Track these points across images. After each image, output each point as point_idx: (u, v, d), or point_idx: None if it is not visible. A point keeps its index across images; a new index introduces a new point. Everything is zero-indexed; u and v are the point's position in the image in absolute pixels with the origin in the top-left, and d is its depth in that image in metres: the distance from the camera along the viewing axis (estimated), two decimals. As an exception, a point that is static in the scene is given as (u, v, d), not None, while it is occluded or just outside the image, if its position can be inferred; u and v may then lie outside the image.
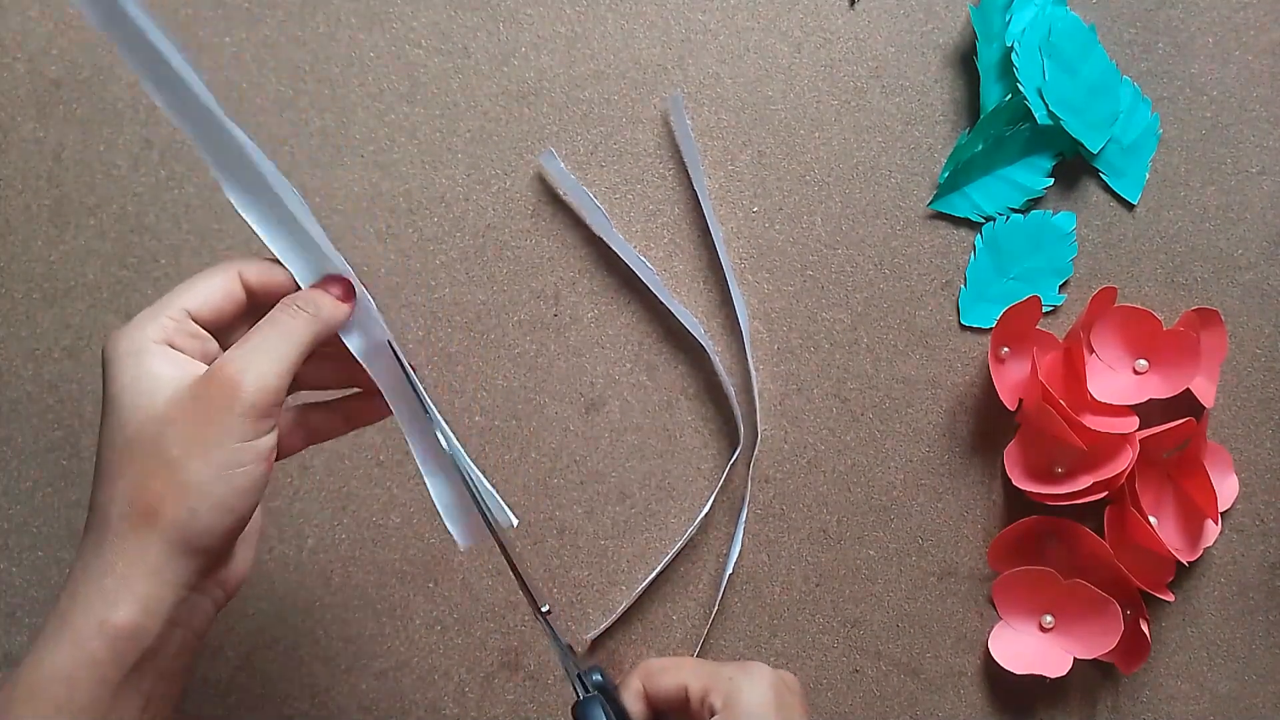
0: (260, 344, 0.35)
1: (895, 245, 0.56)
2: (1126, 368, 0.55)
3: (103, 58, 0.55)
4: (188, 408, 0.34)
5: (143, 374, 0.34)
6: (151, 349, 0.34)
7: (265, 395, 0.34)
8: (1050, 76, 0.55)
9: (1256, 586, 0.56)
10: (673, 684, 0.38)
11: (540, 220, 0.56)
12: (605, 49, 0.56)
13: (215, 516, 0.34)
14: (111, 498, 0.33)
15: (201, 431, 0.33)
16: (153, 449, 0.33)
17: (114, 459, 0.34)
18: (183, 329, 0.35)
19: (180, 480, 0.33)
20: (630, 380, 0.56)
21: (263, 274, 0.38)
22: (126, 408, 0.34)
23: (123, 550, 0.33)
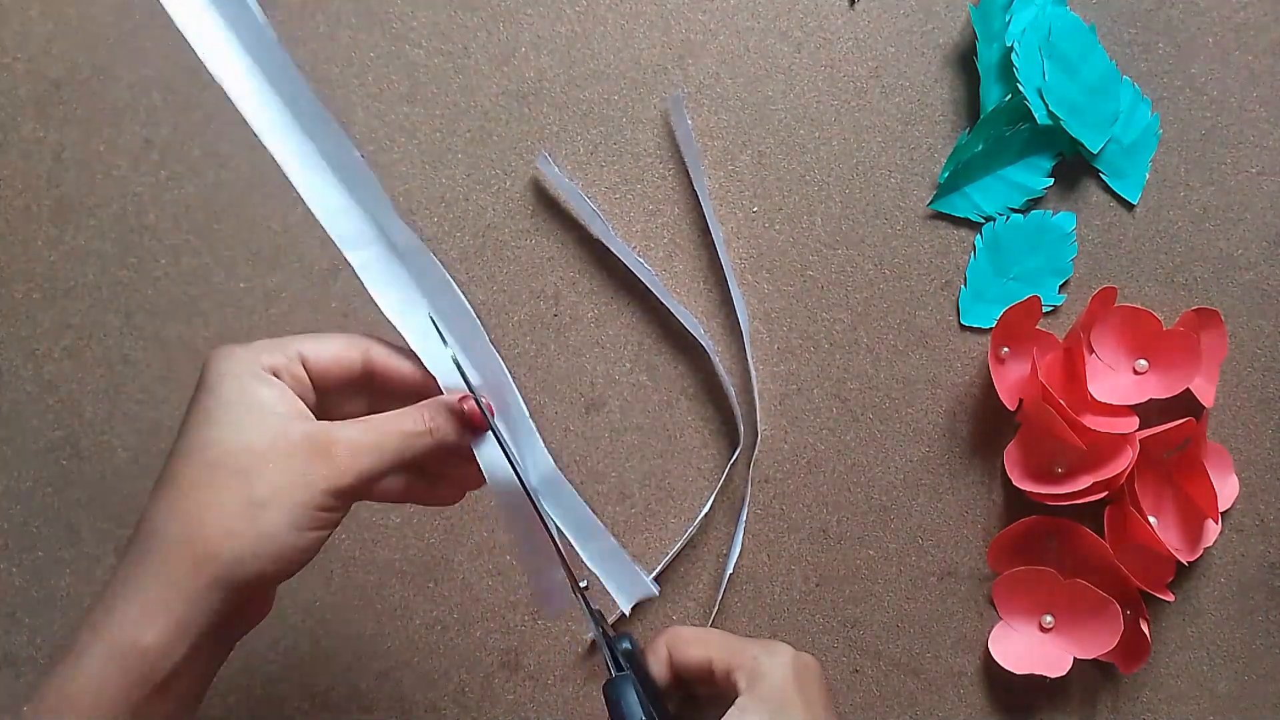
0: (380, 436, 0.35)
1: (895, 245, 0.56)
2: (1126, 368, 0.55)
3: (103, 58, 0.55)
4: (287, 457, 0.33)
5: (249, 397, 0.34)
6: (262, 376, 0.34)
7: (361, 480, 0.35)
8: (1050, 76, 0.55)
9: (1256, 586, 0.56)
10: (698, 656, 0.38)
11: (540, 220, 0.56)
12: (605, 49, 0.56)
13: (270, 564, 0.33)
14: (173, 515, 0.33)
15: (293, 486, 0.33)
16: (240, 478, 0.33)
17: (190, 475, 0.33)
18: (291, 369, 0.35)
19: (254, 523, 0.33)
20: (630, 380, 0.56)
21: (389, 362, 0.38)
22: (223, 426, 0.33)
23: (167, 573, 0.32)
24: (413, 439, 0.36)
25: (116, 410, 0.55)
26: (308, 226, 0.55)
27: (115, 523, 0.54)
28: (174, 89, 0.56)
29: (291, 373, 0.35)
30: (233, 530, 0.32)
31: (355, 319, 0.55)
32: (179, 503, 0.33)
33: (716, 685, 0.38)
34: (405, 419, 0.36)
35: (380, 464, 0.35)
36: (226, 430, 0.33)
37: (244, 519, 0.33)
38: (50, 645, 0.54)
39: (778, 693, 0.36)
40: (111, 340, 0.55)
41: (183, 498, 0.33)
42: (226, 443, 0.33)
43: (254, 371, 0.34)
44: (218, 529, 0.32)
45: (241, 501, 0.33)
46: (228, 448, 0.33)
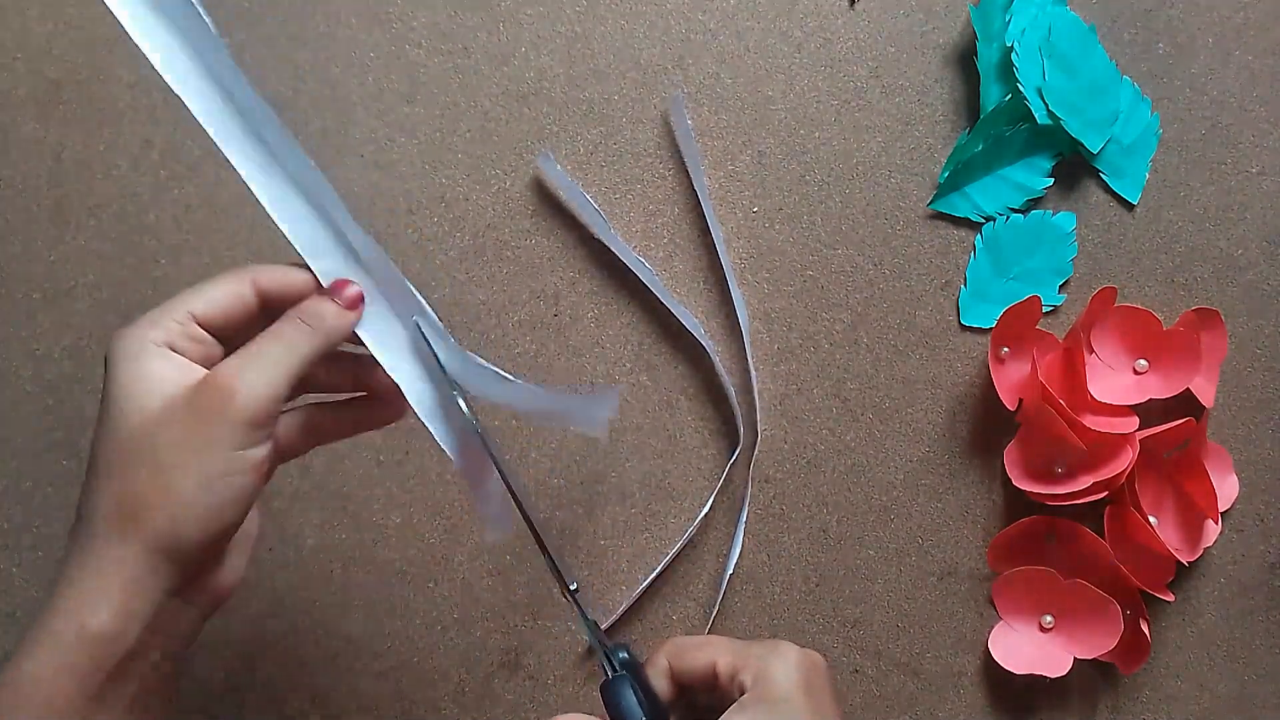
0: (259, 353, 0.35)
1: (895, 245, 0.56)
2: (1126, 368, 0.55)
3: (103, 58, 0.55)
4: (181, 413, 0.33)
5: (141, 375, 0.34)
6: (151, 350, 0.34)
7: (260, 405, 0.34)
8: (1050, 76, 0.55)
9: (1256, 586, 0.56)
10: (702, 662, 0.38)
11: (540, 220, 0.56)
12: (605, 49, 0.56)
13: (199, 525, 0.33)
14: (97, 500, 0.33)
15: (192, 438, 0.33)
16: (143, 453, 0.33)
17: (105, 460, 0.34)
18: (186, 332, 0.35)
19: (166, 486, 0.33)
20: (630, 380, 0.56)
21: (278, 280, 0.37)
22: (121, 408, 0.34)
23: (104, 555, 0.33)
24: (293, 341, 0.35)
25: (116, 410, 0.55)
26: (308, 226, 0.55)
27: (115, 523, 0.54)
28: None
29: (187, 336, 0.35)
30: (150, 501, 0.33)
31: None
32: (100, 487, 0.33)
33: (720, 690, 0.37)
34: (280, 325, 0.36)
35: (270, 377, 0.34)
36: (124, 410, 0.33)
37: (156, 487, 0.33)
38: (50, 645, 0.54)
39: (784, 693, 0.36)
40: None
41: (102, 481, 0.33)
42: (126, 421, 0.33)
43: (145, 349, 0.34)
44: (137, 503, 0.33)
45: (150, 471, 0.33)
46: (129, 425, 0.33)
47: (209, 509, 0.33)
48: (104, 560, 0.33)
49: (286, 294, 0.37)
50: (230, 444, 0.33)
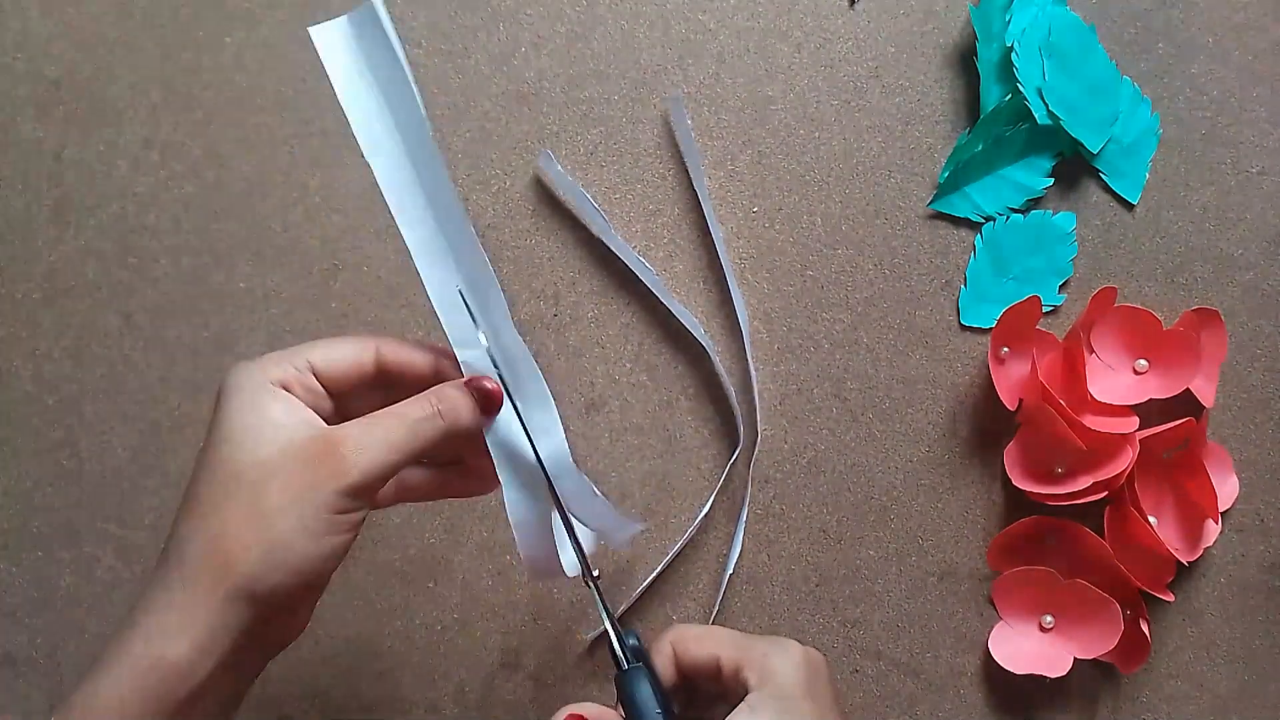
0: (384, 428, 0.35)
1: (895, 245, 0.56)
2: (1126, 368, 0.55)
3: (103, 58, 0.55)
4: (294, 464, 0.33)
5: (256, 413, 0.34)
6: (269, 389, 0.35)
7: (370, 480, 0.34)
8: (1050, 76, 0.55)
9: (1256, 586, 0.56)
10: (705, 654, 0.38)
11: (540, 220, 0.56)
12: (605, 49, 0.56)
13: (290, 576, 0.33)
14: (194, 532, 0.33)
15: (300, 492, 0.33)
16: (250, 494, 0.33)
17: (206, 494, 0.34)
18: (302, 380, 0.36)
19: (267, 531, 0.33)
20: (630, 380, 0.56)
21: (399, 355, 0.38)
22: (233, 445, 0.34)
23: (191, 589, 0.33)
24: (419, 425, 0.35)
25: (116, 410, 0.55)
26: (308, 226, 0.55)
27: (115, 523, 0.54)
28: (174, 89, 0.56)
29: (302, 384, 0.36)
30: (247, 544, 0.33)
31: (355, 318, 0.55)
32: (198, 521, 0.33)
33: (723, 683, 0.37)
34: (411, 406, 0.36)
35: (388, 456, 0.35)
36: (237, 447, 0.34)
37: (256, 531, 0.33)
38: (50, 645, 0.54)
39: (787, 690, 0.36)
40: (111, 340, 0.55)
41: (201, 516, 0.33)
42: (238, 459, 0.34)
43: (262, 386, 0.35)
44: (233, 544, 0.33)
45: (253, 514, 0.33)
46: (239, 463, 0.33)
47: (303, 562, 0.34)
48: (190, 595, 0.33)
49: (406, 372, 0.38)
50: (334, 507, 0.34)
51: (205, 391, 0.55)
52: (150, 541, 0.54)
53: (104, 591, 0.54)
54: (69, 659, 0.54)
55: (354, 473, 0.34)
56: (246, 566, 0.33)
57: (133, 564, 0.54)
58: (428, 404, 0.36)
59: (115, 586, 0.54)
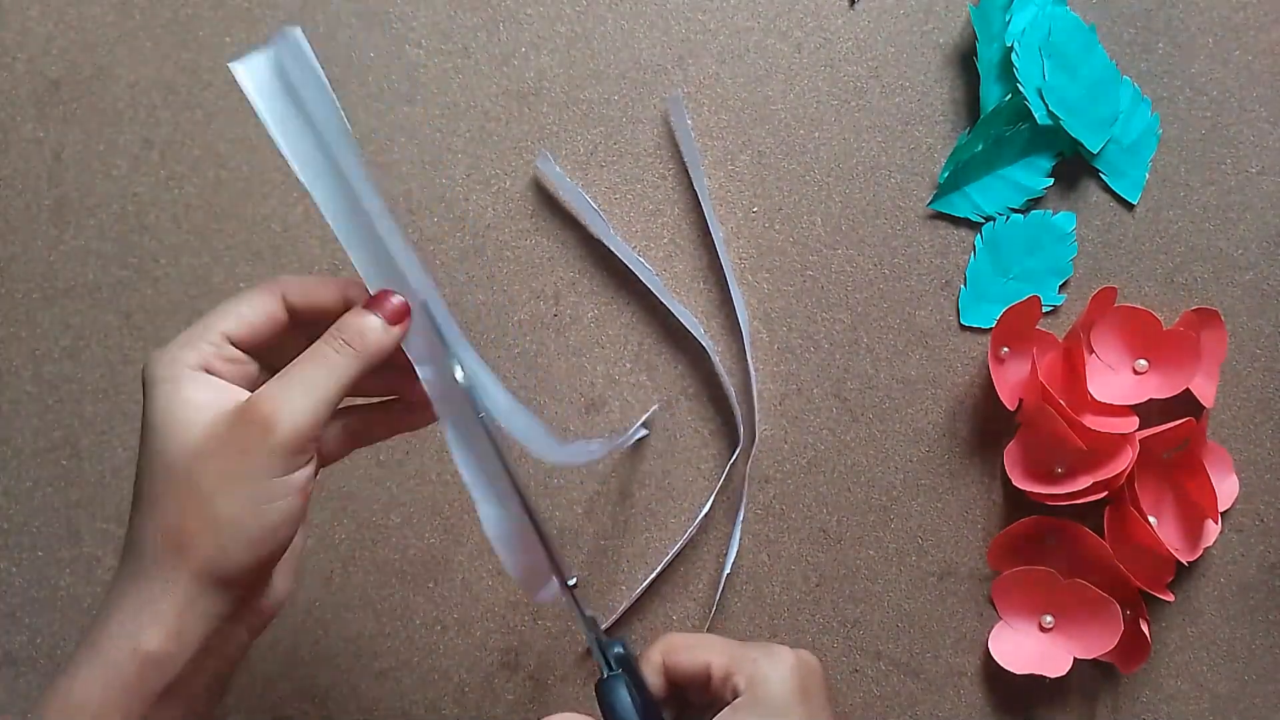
0: (299, 379, 0.34)
1: (895, 245, 0.56)
2: (1126, 368, 0.55)
3: (103, 58, 0.55)
4: (222, 441, 0.33)
5: (178, 401, 0.34)
6: (187, 375, 0.34)
7: (300, 432, 0.34)
8: (1050, 76, 0.55)
9: (1256, 586, 0.56)
10: (696, 661, 0.37)
11: (540, 220, 0.56)
12: (605, 49, 0.56)
13: (247, 551, 0.33)
14: (145, 529, 0.33)
15: (234, 467, 0.33)
16: (186, 481, 0.33)
17: (149, 489, 0.34)
18: (221, 353, 0.35)
19: (211, 515, 0.33)
20: (630, 380, 0.56)
21: (306, 292, 0.37)
22: (161, 436, 0.34)
23: (155, 581, 0.33)
24: (334, 363, 0.35)
25: (116, 410, 0.55)
26: (308, 226, 0.55)
27: (115, 523, 0.54)
28: (174, 89, 0.56)
29: (221, 357, 0.35)
30: (195, 531, 0.33)
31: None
32: (146, 515, 0.34)
33: (713, 691, 0.37)
34: (320, 346, 0.35)
35: (311, 404, 0.34)
36: (167, 438, 0.34)
37: (200, 516, 0.33)
38: (50, 645, 0.54)
39: (776, 695, 0.35)
40: (111, 340, 0.55)
41: (149, 509, 0.34)
42: (170, 449, 0.33)
43: (180, 374, 0.34)
44: (184, 532, 0.33)
45: (196, 499, 0.33)
46: (171, 454, 0.33)
47: (255, 535, 0.33)
48: (154, 586, 0.33)
49: (316, 306, 0.37)
50: (273, 472, 0.33)
51: (205, 391, 0.55)
52: (150, 541, 0.54)
53: (104, 591, 0.54)
54: (69, 659, 0.54)
55: (281, 431, 0.33)
56: (202, 551, 0.33)
57: (133, 564, 0.54)
58: (336, 340, 0.35)
59: (115, 586, 0.54)
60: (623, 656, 0.38)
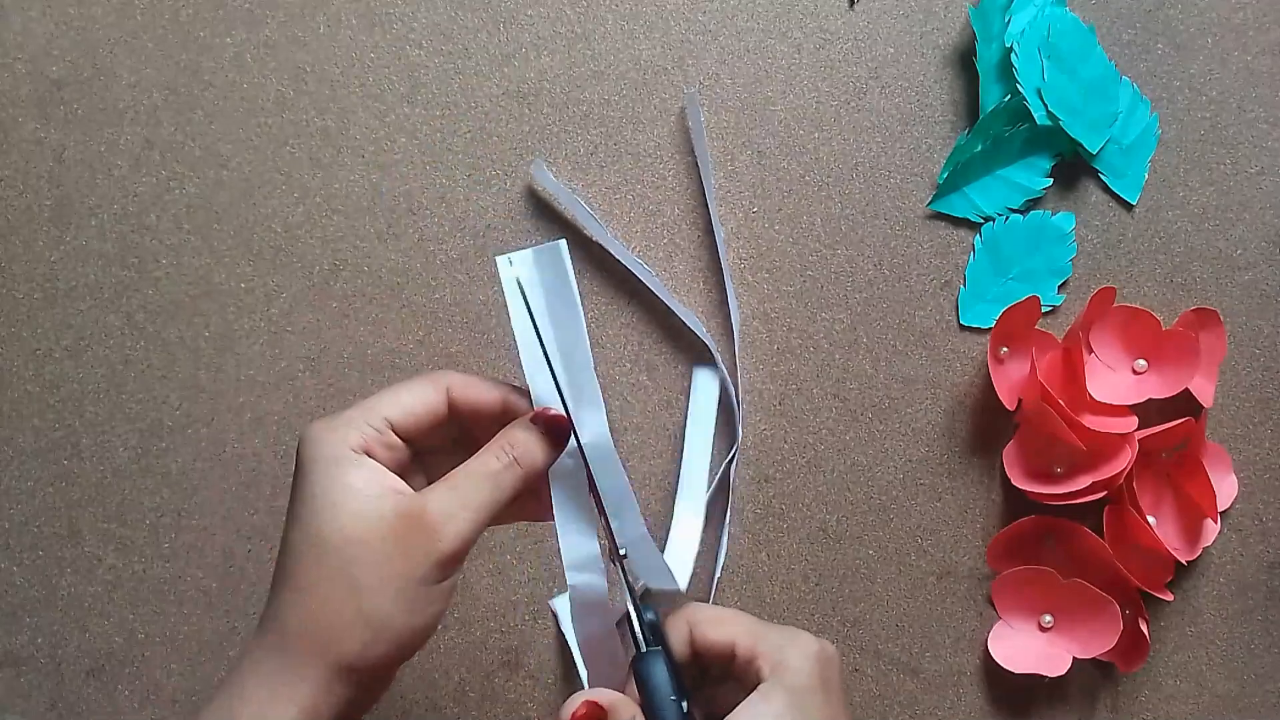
0: (468, 492, 0.35)
1: (895, 245, 0.56)
2: (1125, 368, 0.55)
3: (103, 58, 0.55)
4: (384, 538, 0.34)
5: (341, 484, 0.34)
6: (350, 458, 0.34)
7: (464, 543, 0.35)
8: (1049, 77, 0.55)
9: (1255, 586, 0.56)
10: (721, 638, 0.38)
11: (540, 221, 0.56)
12: (605, 50, 0.56)
13: (390, 650, 0.34)
14: (290, 614, 0.34)
15: (394, 568, 0.33)
16: (341, 570, 0.33)
17: (302, 570, 0.34)
18: (383, 439, 0.36)
19: (363, 610, 0.33)
20: (630, 380, 0.56)
21: (469, 394, 0.37)
22: (319, 517, 0.34)
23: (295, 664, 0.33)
24: (500, 478, 0.36)
25: (117, 410, 0.55)
26: (309, 226, 0.55)
27: (115, 522, 0.54)
28: (174, 89, 0.56)
29: (384, 443, 0.36)
30: (348, 622, 0.33)
31: (356, 318, 0.55)
32: (295, 596, 0.34)
33: (736, 670, 0.38)
34: (488, 460, 0.36)
35: (476, 517, 0.35)
36: (325, 521, 0.34)
37: (355, 610, 0.33)
38: (50, 645, 0.54)
39: (801, 683, 0.36)
40: (112, 340, 0.55)
41: (298, 591, 0.34)
42: (326, 534, 0.34)
43: (344, 455, 0.34)
44: (334, 621, 0.33)
45: (351, 592, 0.33)
46: (329, 539, 0.34)
47: (404, 637, 0.34)
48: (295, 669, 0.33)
49: (476, 406, 0.37)
50: (430, 578, 0.34)
51: (206, 391, 0.55)
52: (150, 541, 0.54)
53: (105, 591, 0.54)
54: (70, 658, 0.54)
55: (446, 543, 0.34)
56: (349, 645, 0.33)
57: (134, 563, 0.54)
58: (503, 453, 0.36)
59: (116, 586, 0.54)
60: (654, 624, 0.39)
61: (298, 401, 0.55)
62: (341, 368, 0.55)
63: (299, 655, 0.33)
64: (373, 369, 0.55)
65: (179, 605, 0.54)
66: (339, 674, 0.33)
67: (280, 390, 0.55)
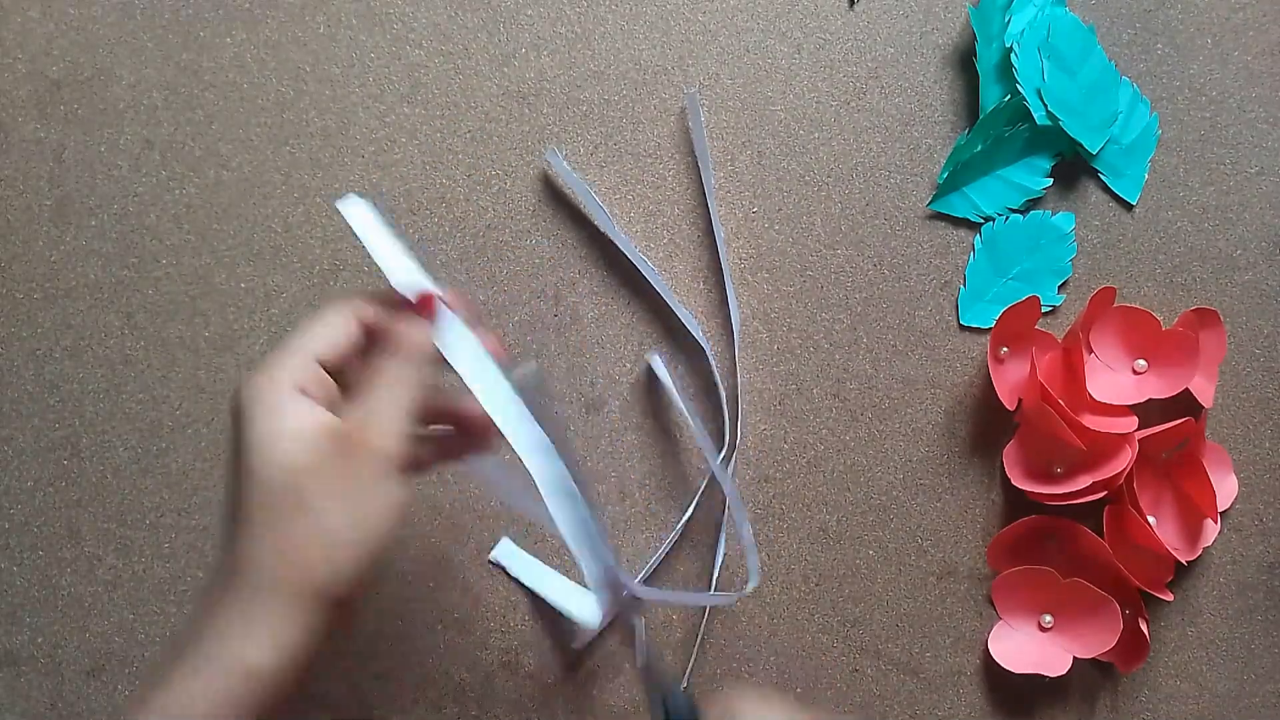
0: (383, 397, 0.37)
1: (895, 245, 0.56)
2: (1125, 368, 0.55)
3: (103, 58, 0.55)
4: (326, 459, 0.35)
5: (282, 425, 0.35)
6: (286, 396, 0.36)
7: (392, 445, 0.36)
8: (1049, 77, 0.55)
9: (1255, 586, 0.56)
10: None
11: (540, 220, 0.56)
12: (605, 50, 0.56)
13: (355, 565, 0.35)
14: (254, 550, 0.35)
15: (340, 484, 0.35)
16: (295, 500, 0.35)
17: (258, 510, 0.35)
18: (315, 378, 0.37)
19: (325, 535, 0.34)
20: (630, 380, 0.56)
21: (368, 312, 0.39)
22: (264, 457, 0.35)
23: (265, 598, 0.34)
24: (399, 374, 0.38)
25: (117, 410, 0.55)
26: (309, 226, 0.55)
27: (116, 522, 0.54)
28: (174, 89, 0.56)
29: (315, 381, 0.37)
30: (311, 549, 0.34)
31: (355, 319, 0.55)
32: (256, 536, 0.35)
33: None
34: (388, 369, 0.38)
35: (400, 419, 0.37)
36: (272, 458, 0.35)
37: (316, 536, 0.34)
38: (50, 645, 0.54)
39: None
40: (112, 340, 0.55)
41: (257, 531, 0.35)
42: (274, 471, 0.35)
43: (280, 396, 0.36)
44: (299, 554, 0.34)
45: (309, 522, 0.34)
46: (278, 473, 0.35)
47: (363, 549, 0.35)
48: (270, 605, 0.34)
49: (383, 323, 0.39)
50: (376, 486, 0.36)
51: (206, 391, 0.55)
52: (150, 541, 0.54)
53: (105, 591, 0.54)
54: (70, 658, 0.54)
55: (378, 446, 0.36)
56: (317, 568, 0.34)
57: (134, 563, 0.54)
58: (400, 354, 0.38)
59: (116, 586, 0.54)
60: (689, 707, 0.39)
61: (298, 401, 0.55)
62: (341, 368, 0.55)
63: (273, 592, 0.34)
64: (373, 369, 0.55)
65: (179, 605, 0.54)
66: (312, 601, 0.34)
67: (280, 390, 0.55)
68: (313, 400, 0.36)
